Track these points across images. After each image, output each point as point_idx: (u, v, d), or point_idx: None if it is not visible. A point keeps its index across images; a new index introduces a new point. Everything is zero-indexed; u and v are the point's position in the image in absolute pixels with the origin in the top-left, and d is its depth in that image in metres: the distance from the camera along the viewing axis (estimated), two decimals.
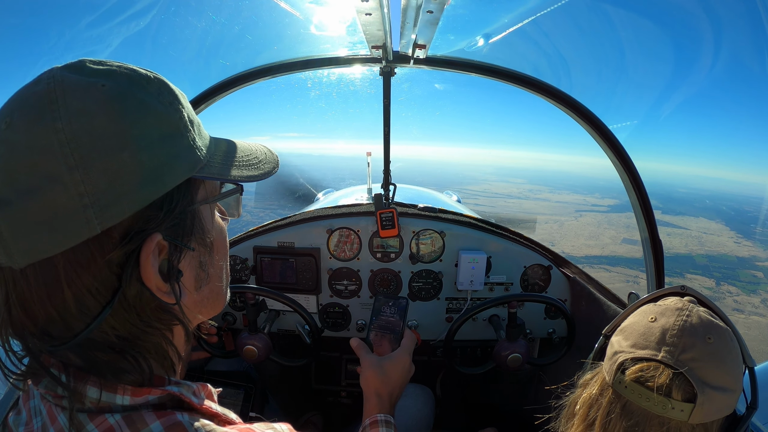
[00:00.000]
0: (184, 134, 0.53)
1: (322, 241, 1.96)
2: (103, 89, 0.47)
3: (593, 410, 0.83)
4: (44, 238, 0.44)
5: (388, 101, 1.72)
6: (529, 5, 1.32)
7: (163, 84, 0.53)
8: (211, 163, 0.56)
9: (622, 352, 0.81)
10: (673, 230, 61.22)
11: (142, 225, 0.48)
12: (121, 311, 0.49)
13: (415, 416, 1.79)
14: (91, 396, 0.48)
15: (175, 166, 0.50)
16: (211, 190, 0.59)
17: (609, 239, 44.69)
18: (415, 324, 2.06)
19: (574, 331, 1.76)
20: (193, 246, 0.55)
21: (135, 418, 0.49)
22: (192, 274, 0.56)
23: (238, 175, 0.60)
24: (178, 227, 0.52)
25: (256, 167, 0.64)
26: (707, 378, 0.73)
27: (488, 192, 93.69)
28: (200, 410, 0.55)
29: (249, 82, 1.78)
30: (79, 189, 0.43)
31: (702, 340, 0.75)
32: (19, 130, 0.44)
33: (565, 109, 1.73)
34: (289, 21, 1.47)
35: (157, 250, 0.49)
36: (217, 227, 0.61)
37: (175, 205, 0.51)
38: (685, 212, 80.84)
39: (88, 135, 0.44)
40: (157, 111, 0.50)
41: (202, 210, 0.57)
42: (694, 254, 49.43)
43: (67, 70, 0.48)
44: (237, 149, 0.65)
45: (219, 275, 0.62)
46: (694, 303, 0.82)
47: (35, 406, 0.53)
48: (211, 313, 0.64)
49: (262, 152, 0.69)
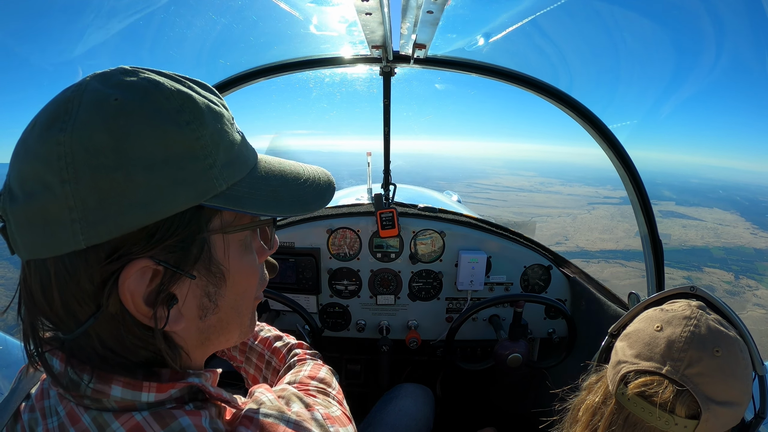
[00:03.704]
0: (199, 158, 0.49)
1: (322, 241, 1.96)
2: (115, 103, 0.45)
3: (596, 418, 0.81)
4: (38, 240, 0.45)
5: (388, 101, 1.72)
6: (528, 5, 1.32)
7: (185, 100, 0.49)
8: (236, 191, 0.52)
9: (625, 363, 0.79)
10: (688, 222, 60.43)
11: (128, 248, 0.46)
12: (107, 324, 0.48)
13: (415, 416, 1.79)
14: (115, 395, 0.48)
15: (177, 192, 0.47)
16: (229, 219, 0.54)
17: (623, 232, 44.33)
18: (415, 324, 2.06)
19: (575, 332, 1.76)
20: (194, 274, 0.51)
21: (164, 414, 0.49)
22: (195, 302, 0.54)
23: (268, 208, 0.54)
24: (178, 254, 0.49)
25: (300, 202, 0.58)
26: (713, 394, 0.71)
27: (499, 186, 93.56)
28: (215, 398, 0.56)
29: (249, 82, 1.78)
30: (69, 202, 0.43)
31: (709, 354, 0.72)
32: (35, 134, 0.46)
33: (565, 109, 1.74)
34: (289, 21, 1.47)
35: (140, 274, 0.47)
36: (235, 258, 0.56)
37: (173, 232, 0.48)
38: (698, 203, 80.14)
39: (84, 150, 0.43)
40: (167, 131, 0.47)
41: (215, 239, 0.53)
42: (711, 247, 48.31)
43: (98, 77, 0.48)
44: (285, 177, 0.59)
45: (234, 307, 0.59)
46: (703, 309, 0.79)
47: (50, 405, 0.52)
48: (222, 343, 0.61)
49: (317, 183, 0.62)
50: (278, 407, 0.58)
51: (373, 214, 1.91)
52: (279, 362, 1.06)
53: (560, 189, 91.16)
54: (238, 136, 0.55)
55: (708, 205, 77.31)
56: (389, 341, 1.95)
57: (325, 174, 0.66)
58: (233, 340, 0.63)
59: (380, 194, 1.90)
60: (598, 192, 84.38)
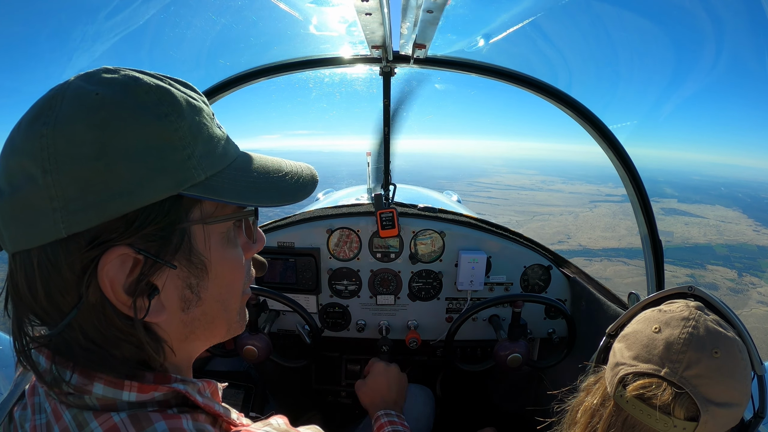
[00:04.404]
0: (177, 148, 0.50)
1: (322, 241, 1.96)
2: (96, 97, 0.47)
3: (594, 420, 0.81)
4: (21, 231, 0.47)
5: (388, 101, 1.72)
6: (529, 5, 1.32)
7: (164, 94, 0.51)
8: (215, 182, 0.53)
9: (623, 365, 0.78)
10: (691, 219, 60.01)
11: (107, 235, 0.47)
12: (89, 315, 0.49)
13: (415, 416, 1.79)
14: (96, 393, 0.49)
15: (156, 181, 0.48)
16: (210, 210, 0.55)
17: (625, 230, 43.96)
18: (415, 324, 2.06)
19: (575, 332, 1.76)
20: (175, 264, 0.52)
21: (141, 417, 0.49)
22: (176, 293, 0.54)
23: (246, 198, 0.55)
24: (159, 243, 0.50)
25: (279, 192, 0.59)
26: (712, 395, 0.71)
27: (501, 184, 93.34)
28: (203, 409, 0.55)
29: (249, 82, 1.78)
30: (50, 192, 0.45)
31: (708, 355, 0.72)
32: (20, 130, 0.48)
33: (565, 109, 1.74)
34: (288, 21, 1.47)
35: (119, 262, 0.48)
36: (216, 250, 0.56)
37: (152, 220, 0.48)
38: (701, 200, 79.64)
39: (66, 142, 0.45)
40: (146, 122, 0.48)
41: (195, 230, 0.53)
42: (714, 244, 47.89)
43: (81, 77, 0.50)
44: (266, 170, 0.60)
45: (220, 301, 0.59)
46: (701, 309, 0.78)
47: (39, 402, 0.53)
48: (209, 337, 0.61)
49: (298, 176, 0.63)
50: (285, 430, 0.58)
51: (373, 214, 1.91)
52: None
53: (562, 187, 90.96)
54: (219, 131, 0.57)
55: (710, 202, 76.87)
56: (389, 341, 1.96)
57: (309, 168, 0.67)
58: (221, 335, 0.63)
59: (380, 194, 1.90)
60: (599, 190, 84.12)
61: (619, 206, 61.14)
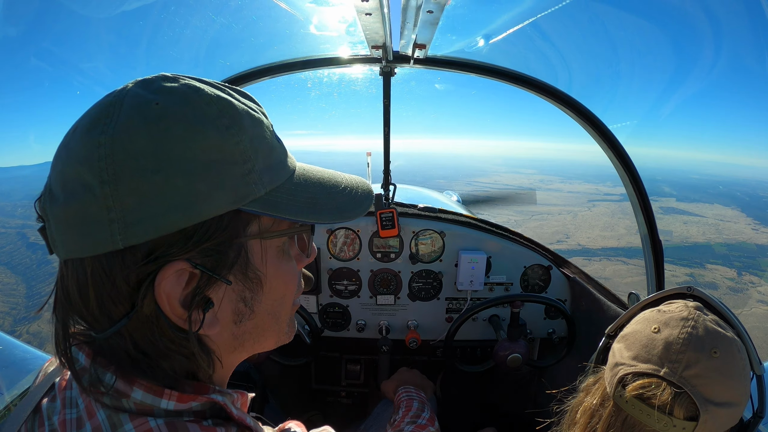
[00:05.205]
0: (238, 162, 0.49)
1: (322, 241, 1.96)
2: (156, 108, 0.46)
3: (594, 420, 0.81)
4: (76, 239, 0.45)
5: (388, 101, 1.72)
6: (529, 5, 1.32)
7: (225, 106, 0.50)
8: (274, 197, 0.52)
9: (623, 365, 0.78)
10: (690, 218, 59.72)
11: (165, 249, 0.46)
12: (140, 325, 0.48)
13: None
14: (135, 397, 0.48)
15: (216, 196, 0.47)
16: (267, 225, 0.54)
17: (624, 229, 43.60)
18: (415, 324, 2.06)
19: (575, 332, 1.76)
20: (230, 279, 0.51)
21: (178, 425, 0.48)
22: (230, 307, 0.53)
23: (305, 215, 0.54)
24: (216, 258, 0.49)
25: (338, 209, 0.58)
26: (711, 395, 0.71)
27: (499, 183, 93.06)
28: (236, 421, 0.54)
29: (249, 82, 1.77)
30: (108, 203, 0.44)
31: (707, 355, 0.72)
32: (77, 137, 0.47)
33: (565, 109, 1.74)
34: (289, 21, 1.47)
35: (176, 276, 0.47)
36: (272, 264, 0.56)
37: (210, 235, 0.48)
38: (699, 199, 79.45)
39: (124, 152, 0.44)
40: (208, 135, 0.47)
41: (253, 244, 0.53)
42: (713, 243, 47.37)
43: (139, 84, 0.49)
44: (323, 184, 0.59)
45: (272, 313, 0.58)
46: (700, 309, 0.78)
47: (72, 397, 0.53)
48: (256, 348, 0.61)
49: (354, 190, 0.62)
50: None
51: (373, 214, 1.91)
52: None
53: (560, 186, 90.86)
54: (277, 143, 0.56)
55: (709, 201, 76.83)
56: (389, 341, 1.96)
57: (364, 183, 0.66)
58: (269, 346, 0.62)
59: (380, 194, 1.90)
60: (598, 189, 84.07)
61: (617, 205, 61.13)
